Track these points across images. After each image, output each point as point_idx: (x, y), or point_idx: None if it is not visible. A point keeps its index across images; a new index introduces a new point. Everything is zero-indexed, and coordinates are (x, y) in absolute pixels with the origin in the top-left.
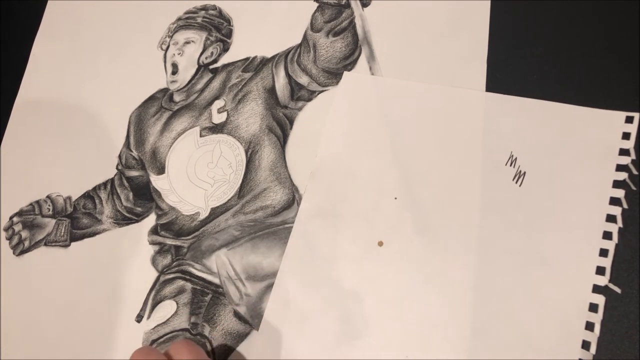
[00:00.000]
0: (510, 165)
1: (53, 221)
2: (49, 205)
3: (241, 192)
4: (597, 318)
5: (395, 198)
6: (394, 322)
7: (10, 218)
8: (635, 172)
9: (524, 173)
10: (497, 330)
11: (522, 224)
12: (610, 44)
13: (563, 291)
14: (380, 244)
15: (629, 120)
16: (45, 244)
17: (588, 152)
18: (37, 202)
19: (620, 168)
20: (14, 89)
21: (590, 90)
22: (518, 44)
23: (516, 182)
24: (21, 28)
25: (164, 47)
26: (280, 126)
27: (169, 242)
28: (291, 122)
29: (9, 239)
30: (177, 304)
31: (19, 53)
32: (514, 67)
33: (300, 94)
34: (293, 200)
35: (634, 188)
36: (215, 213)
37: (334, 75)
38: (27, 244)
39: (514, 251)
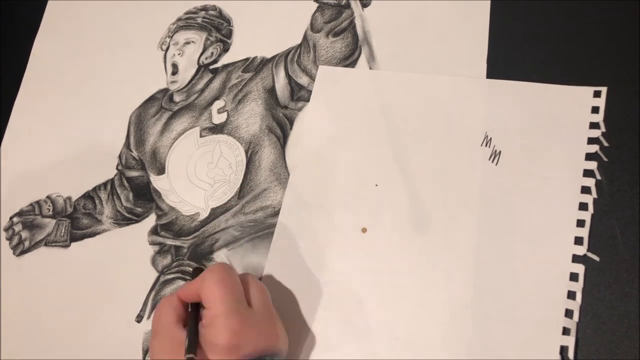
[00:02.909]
0: (486, 145)
1: (53, 221)
2: (49, 206)
3: (241, 193)
4: (578, 287)
5: (376, 185)
6: (382, 304)
7: (11, 218)
8: (606, 144)
9: (499, 152)
10: (483, 306)
11: (500, 201)
12: (606, 32)
13: (544, 263)
14: (364, 230)
15: (597, 94)
16: (46, 244)
17: (560, 128)
18: (37, 202)
19: (591, 141)
20: (14, 89)
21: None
22: (518, 44)
23: (492, 162)
24: (21, 28)
25: (164, 47)
26: (280, 126)
27: (169, 242)
28: (291, 123)
29: (9, 239)
30: None
31: (19, 53)
32: (514, 66)
33: (300, 95)
34: None
35: (605, 159)
36: (216, 213)
37: None
38: (27, 244)
39: (494, 228)
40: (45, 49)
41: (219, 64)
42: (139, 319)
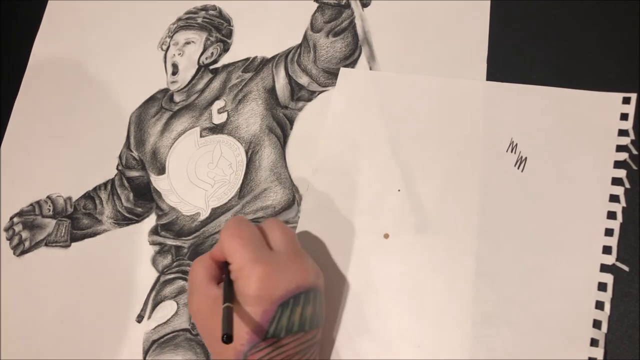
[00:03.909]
0: (512, 151)
1: (53, 222)
2: (50, 206)
3: (241, 193)
4: (606, 297)
5: (399, 190)
6: (404, 313)
7: (11, 218)
8: (635, 151)
9: (525, 159)
10: (508, 315)
11: (526, 208)
12: (605, 32)
13: (571, 272)
14: (387, 236)
15: (626, 101)
16: (46, 245)
17: (588, 135)
18: (38, 202)
19: (620, 149)
20: (14, 89)
21: (589, 82)
22: (518, 44)
23: (518, 168)
24: (21, 28)
25: (164, 47)
26: (281, 126)
27: (170, 242)
28: (291, 123)
29: (10, 239)
30: (177, 304)
31: (19, 53)
32: (514, 67)
33: (300, 94)
34: (293, 200)
35: (634, 167)
36: (216, 213)
37: (334, 76)
38: (27, 244)
39: (520, 236)
40: (45, 49)
41: (219, 64)
42: (140, 319)
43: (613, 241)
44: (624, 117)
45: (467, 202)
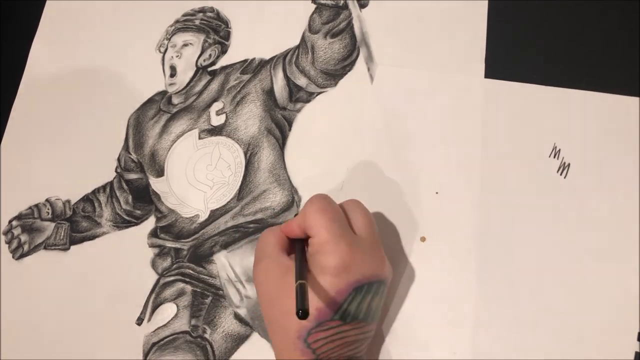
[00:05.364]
0: (554, 157)
1: (52, 225)
2: (48, 209)
3: (240, 194)
4: None
5: (437, 192)
6: (439, 318)
7: (10, 222)
8: None
9: (569, 164)
10: (550, 325)
11: (569, 216)
12: (605, 31)
13: (615, 283)
14: (423, 239)
15: None
16: (45, 248)
17: (632, 141)
18: (36, 205)
19: None
20: (12, 91)
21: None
22: (517, 44)
23: (561, 174)
24: (19, 29)
25: (162, 49)
26: (279, 128)
27: (169, 244)
28: (290, 124)
29: (8, 243)
30: (177, 306)
31: (17, 54)
32: (513, 67)
33: (298, 96)
34: (292, 201)
35: None
36: (215, 215)
37: (332, 77)
38: (26, 247)
39: (563, 244)
40: (43, 51)
41: (217, 66)
42: (139, 321)
43: None
44: None
45: (506, 206)
